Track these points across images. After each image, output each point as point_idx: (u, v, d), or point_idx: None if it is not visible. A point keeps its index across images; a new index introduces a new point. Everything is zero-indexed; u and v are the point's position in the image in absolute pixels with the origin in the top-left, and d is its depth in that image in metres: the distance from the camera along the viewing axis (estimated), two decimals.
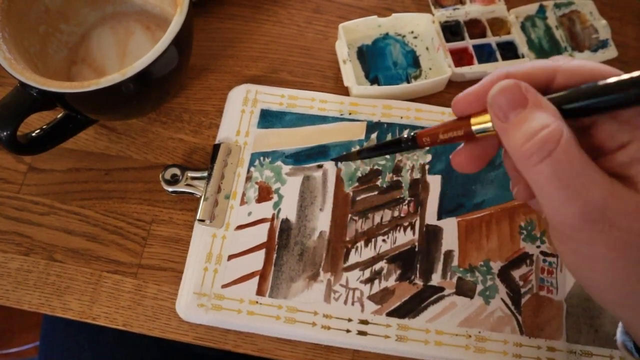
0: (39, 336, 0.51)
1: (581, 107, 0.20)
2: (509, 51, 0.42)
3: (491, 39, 0.42)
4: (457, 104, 0.23)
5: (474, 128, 0.22)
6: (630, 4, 0.46)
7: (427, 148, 0.38)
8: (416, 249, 0.36)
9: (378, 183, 0.37)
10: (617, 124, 0.21)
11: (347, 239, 0.36)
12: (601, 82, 0.20)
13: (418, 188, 0.37)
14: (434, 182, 0.37)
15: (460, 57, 0.42)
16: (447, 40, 0.42)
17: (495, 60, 0.41)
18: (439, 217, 0.36)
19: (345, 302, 0.34)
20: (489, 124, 0.22)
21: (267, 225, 0.36)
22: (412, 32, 0.44)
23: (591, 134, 0.22)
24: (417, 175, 0.38)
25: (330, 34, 0.45)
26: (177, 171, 0.37)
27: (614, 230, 0.19)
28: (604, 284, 0.22)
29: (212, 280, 0.35)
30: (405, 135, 0.26)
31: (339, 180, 0.37)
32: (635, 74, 0.19)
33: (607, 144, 0.21)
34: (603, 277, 0.21)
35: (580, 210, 0.19)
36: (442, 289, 0.34)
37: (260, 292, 0.34)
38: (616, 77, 0.19)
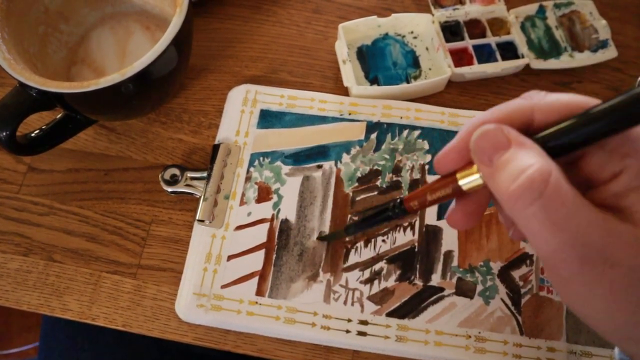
0: (38, 336, 0.51)
1: (566, 143, 0.20)
2: (509, 51, 0.42)
3: (491, 39, 0.42)
4: (439, 162, 0.23)
5: (460, 183, 0.22)
6: (630, 4, 0.46)
7: (427, 148, 0.38)
8: (416, 249, 0.35)
9: (378, 183, 0.37)
10: (606, 154, 0.20)
11: (347, 239, 0.36)
12: (582, 114, 0.19)
13: (417, 188, 0.37)
14: None
15: (460, 57, 0.42)
16: (447, 41, 0.42)
17: (495, 60, 0.41)
18: (439, 218, 0.36)
19: (345, 303, 0.34)
20: (476, 176, 0.21)
21: (266, 225, 0.36)
22: (412, 32, 0.44)
23: (579, 167, 0.21)
24: (416, 175, 0.38)
25: (330, 34, 0.45)
26: (176, 171, 0.37)
27: (614, 271, 0.19)
28: (606, 322, 0.21)
29: (211, 280, 0.35)
30: (392, 203, 0.26)
31: (338, 181, 0.37)
32: (613, 101, 0.18)
33: (597, 175, 0.20)
34: (605, 315, 0.20)
35: (578, 255, 0.19)
36: (442, 289, 0.34)
37: (259, 292, 0.34)
38: (596, 106, 0.19)
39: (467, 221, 0.24)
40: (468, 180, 0.22)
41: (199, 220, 0.36)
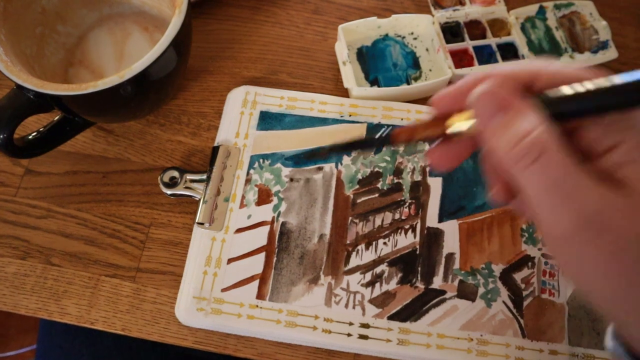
0: (36, 339, 0.50)
1: (566, 110, 0.20)
2: (509, 52, 0.42)
3: (491, 40, 0.42)
4: (436, 102, 0.23)
5: (451, 129, 0.22)
6: (631, 5, 0.46)
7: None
8: (417, 252, 0.35)
9: (379, 185, 0.37)
10: (603, 127, 0.20)
11: (348, 241, 0.36)
12: (587, 86, 0.19)
13: (419, 190, 0.37)
14: (435, 185, 0.37)
15: (460, 59, 0.41)
16: (447, 42, 0.42)
17: (496, 61, 0.41)
18: (440, 220, 0.36)
19: (346, 306, 0.34)
20: (467, 125, 0.22)
21: (266, 228, 0.36)
22: (412, 33, 0.43)
23: (577, 138, 0.21)
24: (417, 177, 0.37)
25: (330, 35, 0.44)
26: (175, 174, 0.37)
27: (607, 234, 0.19)
28: (600, 288, 0.21)
29: (211, 284, 0.34)
30: (380, 134, 0.25)
31: (339, 183, 0.37)
32: (616, 79, 0.19)
33: (594, 147, 0.21)
34: (598, 280, 0.21)
35: (573, 214, 0.19)
36: (443, 292, 0.34)
37: (260, 295, 0.34)
38: (603, 82, 0.19)
39: (446, 161, 0.24)
40: (458, 128, 0.22)
41: (198, 223, 0.35)
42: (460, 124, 0.22)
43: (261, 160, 0.38)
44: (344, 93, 0.41)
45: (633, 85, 0.18)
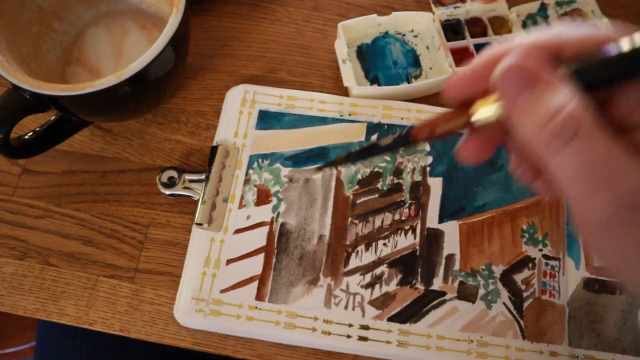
0: (35, 336, 0.50)
1: (601, 78, 0.18)
2: None
3: (492, 38, 0.42)
4: (451, 88, 0.21)
5: (474, 118, 0.20)
6: (632, 2, 0.45)
7: (428, 150, 0.38)
8: (417, 253, 0.35)
9: (378, 186, 0.37)
10: (638, 96, 0.18)
11: (348, 242, 0.35)
12: (621, 48, 0.17)
13: (419, 191, 0.37)
14: (435, 185, 0.37)
15: (461, 57, 0.41)
16: (448, 40, 0.41)
17: None
18: (440, 221, 0.36)
19: (346, 307, 0.34)
20: (493, 110, 0.19)
21: (266, 228, 0.36)
22: (413, 31, 0.43)
23: (610, 109, 0.19)
24: (417, 177, 0.37)
25: (330, 33, 0.44)
26: (174, 174, 0.37)
27: None
28: (638, 274, 0.20)
29: (210, 285, 0.34)
30: (398, 134, 0.23)
31: (339, 183, 0.37)
32: None
33: (630, 118, 0.19)
34: (637, 265, 0.19)
35: (611, 201, 0.17)
36: (443, 293, 0.34)
37: (259, 297, 0.34)
38: (637, 40, 0.17)
39: (479, 155, 0.22)
40: (484, 116, 0.20)
41: (197, 224, 0.35)
42: (485, 109, 0.19)
43: (260, 160, 0.37)
44: (344, 91, 0.41)
45: None
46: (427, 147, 0.38)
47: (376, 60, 0.42)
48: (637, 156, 0.17)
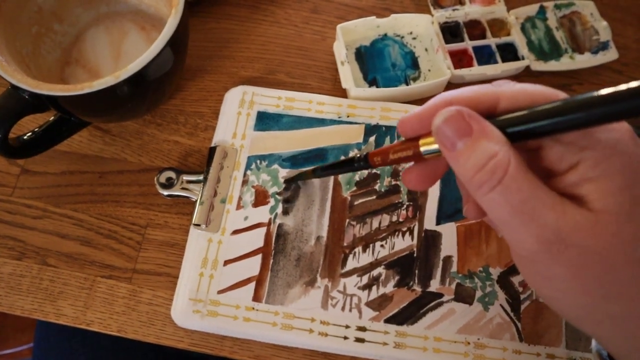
0: (33, 337, 0.50)
1: (524, 130, 0.20)
2: (509, 53, 0.42)
3: (491, 41, 0.42)
4: (402, 126, 0.23)
5: (422, 149, 0.22)
6: (632, 5, 0.45)
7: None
8: (415, 255, 0.35)
9: (376, 187, 0.37)
10: (564, 146, 0.21)
11: (345, 244, 0.35)
12: (544, 106, 0.19)
13: (417, 192, 0.37)
14: (433, 187, 0.37)
15: (459, 59, 0.41)
16: (447, 42, 0.41)
17: (495, 62, 0.41)
18: (438, 222, 0.36)
19: (343, 309, 0.34)
20: (436, 147, 0.22)
21: (263, 230, 0.36)
22: (411, 33, 0.43)
23: (540, 156, 0.22)
24: None
25: (328, 35, 0.44)
26: (172, 174, 0.37)
27: (569, 250, 0.20)
28: (567, 303, 0.22)
29: (207, 286, 0.34)
30: (358, 155, 0.26)
31: (336, 185, 0.37)
32: (577, 97, 0.19)
33: (557, 165, 0.21)
34: (565, 296, 0.22)
35: (535, 234, 0.20)
36: (440, 295, 0.34)
37: (256, 298, 0.34)
38: (558, 101, 0.19)
39: (421, 182, 0.25)
40: (430, 149, 0.22)
41: (195, 225, 0.35)
42: (430, 144, 0.22)
43: (258, 162, 0.38)
44: (342, 93, 0.41)
45: (585, 104, 0.18)
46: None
47: (375, 62, 0.42)
48: (557, 197, 0.20)
